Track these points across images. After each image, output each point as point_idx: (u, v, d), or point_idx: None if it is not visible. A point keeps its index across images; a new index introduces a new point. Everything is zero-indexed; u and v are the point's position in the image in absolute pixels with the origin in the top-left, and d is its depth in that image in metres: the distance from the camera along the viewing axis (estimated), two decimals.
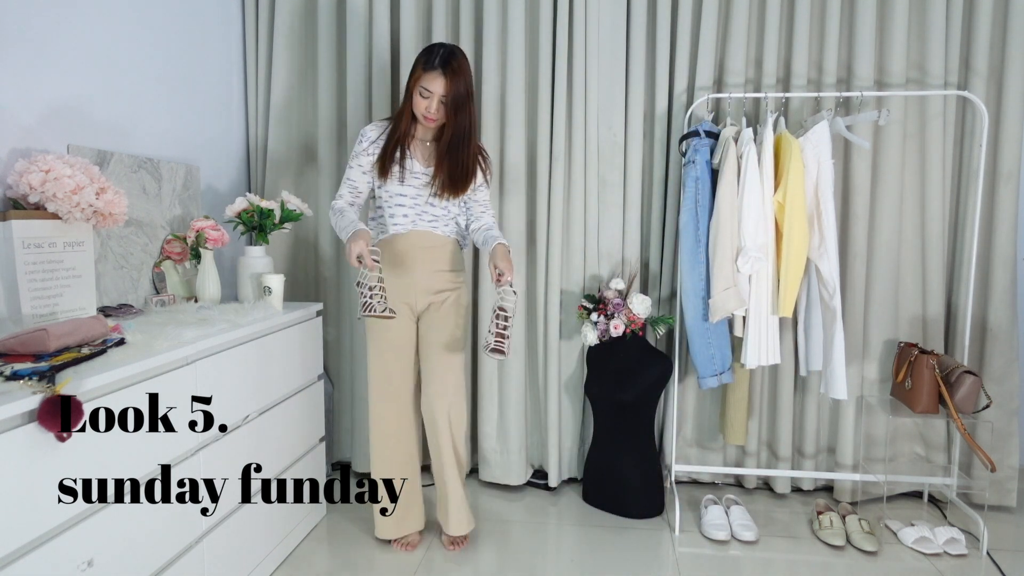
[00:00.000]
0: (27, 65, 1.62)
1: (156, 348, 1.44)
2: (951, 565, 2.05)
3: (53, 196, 1.47)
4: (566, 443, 2.59)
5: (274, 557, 1.98)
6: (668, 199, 2.48)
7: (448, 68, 1.85)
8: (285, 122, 2.57)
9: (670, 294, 2.51)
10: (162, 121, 2.13)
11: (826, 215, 2.13)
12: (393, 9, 2.51)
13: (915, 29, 2.33)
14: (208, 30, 2.37)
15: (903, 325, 2.42)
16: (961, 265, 2.41)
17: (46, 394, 1.12)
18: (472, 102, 1.93)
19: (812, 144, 2.12)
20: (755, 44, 2.41)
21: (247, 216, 2.14)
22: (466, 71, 1.89)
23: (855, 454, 2.43)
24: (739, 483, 2.63)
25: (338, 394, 2.70)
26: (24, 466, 1.11)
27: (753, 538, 2.18)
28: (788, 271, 2.11)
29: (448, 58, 1.86)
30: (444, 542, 2.14)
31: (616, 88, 2.44)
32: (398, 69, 2.54)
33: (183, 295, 2.11)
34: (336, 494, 2.50)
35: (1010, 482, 2.39)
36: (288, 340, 2.03)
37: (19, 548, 1.11)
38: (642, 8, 2.39)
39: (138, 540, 1.38)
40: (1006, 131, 2.30)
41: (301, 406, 2.13)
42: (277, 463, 1.98)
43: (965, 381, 2.07)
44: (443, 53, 1.86)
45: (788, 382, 2.44)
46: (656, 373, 2.32)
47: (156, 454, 1.43)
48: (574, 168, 2.45)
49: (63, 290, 1.54)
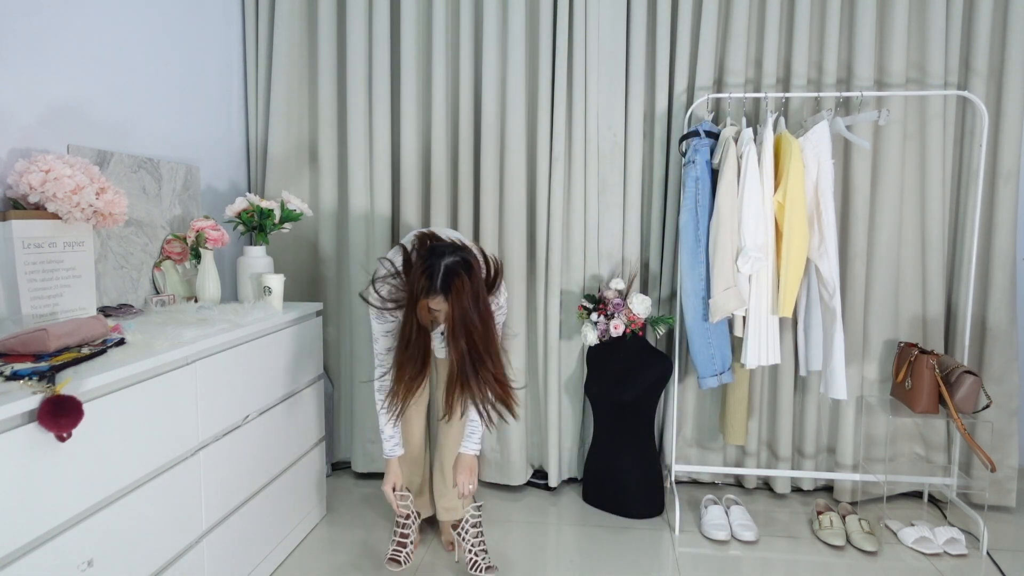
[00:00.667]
0: (27, 65, 1.62)
1: (156, 348, 1.44)
2: (951, 565, 2.05)
3: (53, 196, 1.47)
4: (566, 443, 2.59)
5: (274, 557, 1.98)
6: (668, 199, 2.48)
7: (449, 292, 1.66)
8: (285, 122, 2.57)
9: (670, 294, 2.51)
10: (162, 121, 2.13)
11: (826, 215, 2.13)
12: (393, 9, 2.51)
13: (915, 29, 2.33)
14: (208, 30, 2.37)
15: (903, 325, 2.42)
16: (961, 265, 2.41)
17: (46, 394, 1.12)
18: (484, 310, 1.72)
19: (812, 144, 2.13)
20: (755, 44, 2.41)
21: (247, 216, 2.14)
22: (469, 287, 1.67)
23: (855, 454, 2.43)
24: (739, 483, 2.63)
25: (338, 394, 2.70)
26: (24, 466, 1.11)
27: (753, 538, 2.18)
28: (788, 271, 2.11)
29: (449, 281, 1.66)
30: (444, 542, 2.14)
31: (616, 88, 2.44)
32: (398, 69, 2.54)
33: (183, 295, 2.11)
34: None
35: (1010, 482, 2.39)
36: (288, 340, 2.03)
37: (19, 548, 1.11)
38: (642, 8, 2.39)
39: (138, 540, 1.38)
40: (1006, 131, 2.30)
41: (301, 406, 2.13)
42: (277, 463, 1.98)
43: (965, 381, 2.07)
44: (443, 275, 1.67)
45: (788, 382, 2.44)
46: (656, 373, 2.32)
47: (156, 454, 1.43)
48: (574, 168, 2.45)
49: (63, 290, 1.54)
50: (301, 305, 2.21)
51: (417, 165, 2.53)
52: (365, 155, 2.54)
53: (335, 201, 2.61)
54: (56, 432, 1.13)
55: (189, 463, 1.55)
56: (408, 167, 2.52)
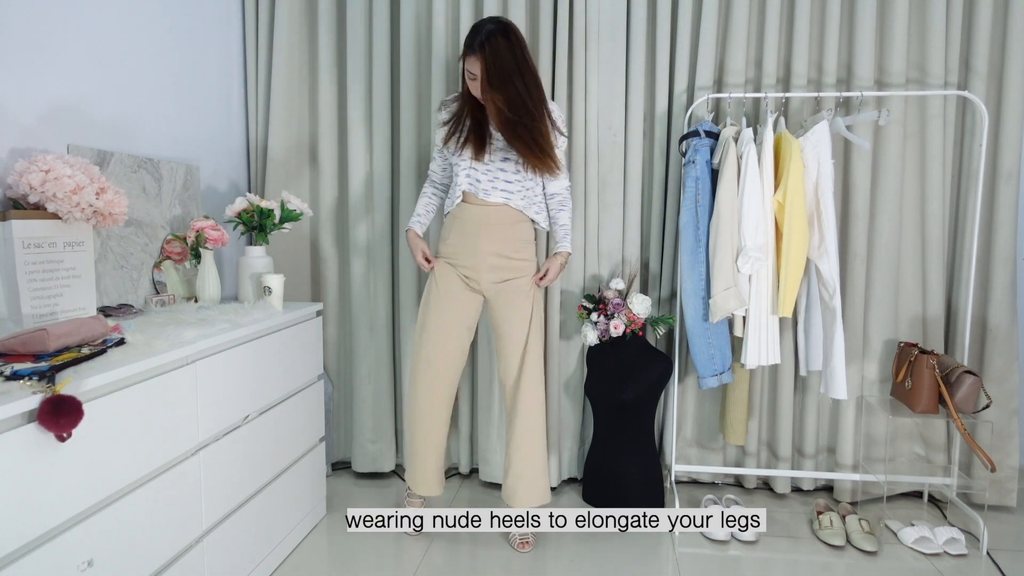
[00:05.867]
0: (27, 65, 1.62)
1: (156, 348, 1.44)
2: (951, 565, 2.05)
3: (53, 196, 1.47)
4: (566, 443, 2.59)
5: (274, 557, 1.98)
6: (668, 199, 2.48)
7: (485, 50, 1.85)
8: (285, 122, 2.57)
9: (670, 294, 2.51)
10: (162, 121, 2.13)
11: (826, 215, 2.13)
12: (393, 9, 2.51)
13: (915, 29, 2.33)
14: (208, 30, 2.37)
15: (903, 325, 2.42)
16: (961, 265, 2.41)
17: (46, 394, 1.12)
18: (525, 72, 1.90)
19: (812, 144, 2.12)
20: (755, 44, 2.40)
21: (247, 216, 2.14)
22: (505, 47, 1.86)
23: (855, 454, 2.43)
24: (739, 483, 2.63)
25: (338, 394, 2.70)
26: (24, 466, 1.11)
27: (753, 538, 2.18)
28: (788, 271, 2.11)
29: (485, 41, 1.86)
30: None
31: (616, 88, 2.44)
32: (398, 69, 2.54)
33: (183, 295, 2.11)
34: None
35: (1010, 482, 2.39)
36: (288, 340, 2.03)
37: (19, 548, 1.11)
38: (642, 8, 2.39)
39: (138, 540, 1.38)
40: (1006, 131, 2.30)
41: (301, 406, 2.13)
42: (277, 463, 1.98)
43: (965, 381, 2.07)
44: (482, 34, 1.87)
45: (788, 382, 2.44)
46: (656, 373, 2.32)
47: (156, 454, 1.43)
48: (574, 168, 2.45)
49: (63, 290, 1.54)
50: (301, 305, 2.21)
51: (417, 165, 2.52)
52: (365, 155, 2.54)
53: (335, 201, 2.61)
54: (56, 432, 1.13)
55: (189, 463, 1.55)
56: (408, 167, 2.52)
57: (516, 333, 2.07)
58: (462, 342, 2.12)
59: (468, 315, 2.11)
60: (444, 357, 2.10)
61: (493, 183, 2.03)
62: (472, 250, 2.05)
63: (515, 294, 2.08)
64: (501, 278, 2.07)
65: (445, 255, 2.11)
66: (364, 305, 2.57)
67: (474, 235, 2.04)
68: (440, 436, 2.17)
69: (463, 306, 2.09)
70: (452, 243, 2.08)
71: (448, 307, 2.08)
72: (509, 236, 2.06)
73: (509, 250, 2.06)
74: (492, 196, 2.03)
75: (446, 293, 2.08)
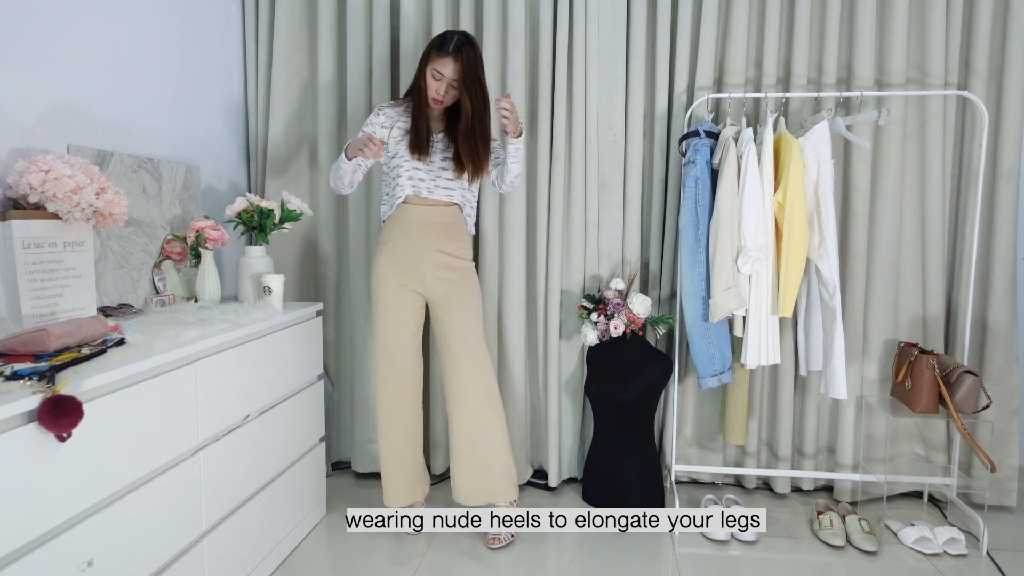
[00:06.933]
0: (27, 65, 1.62)
1: (156, 348, 1.44)
2: (951, 565, 2.05)
3: (53, 196, 1.47)
4: (566, 443, 2.59)
5: (274, 557, 1.98)
6: (668, 199, 2.48)
7: (460, 54, 1.94)
8: (285, 122, 2.57)
9: (670, 294, 2.51)
10: (162, 121, 2.13)
11: (826, 215, 2.13)
12: (393, 9, 2.51)
13: (915, 29, 2.33)
14: (208, 30, 2.37)
15: (903, 325, 2.42)
16: (961, 265, 2.41)
17: (46, 394, 1.12)
18: (483, 87, 2.01)
19: (812, 144, 2.12)
20: (755, 44, 2.41)
21: (247, 216, 2.14)
22: (477, 58, 1.98)
23: (855, 454, 2.43)
24: (739, 483, 2.63)
25: (338, 394, 2.70)
26: (24, 466, 1.11)
27: (753, 538, 2.18)
28: (788, 271, 2.11)
29: (460, 46, 1.95)
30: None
31: (616, 88, 2.44)
32: (398, 69, 2.54)
33: (183, 295, 2.11)
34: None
35: (1010, 482, 2.39)
36: (288, 340, 2.03)
37: (19, 548, 1.11)
38: (642, 8, 2.39)
39: (138, 540, 1.38)
40: (1006, 131, 2.30)
41: (301, 406, 2.13)
42: (277, 463, 1.98)
43: (965, 381, 2.07)
44: (456, 40, 1.95)
45: (788, 382, 2.44)
46: (656, 373, 2.32)
47: (156, 454, 1.43)
48: (574, 168, 2.45)
49: (63, 290, 1.54)
50: (301, 305, 2.21)
51: None
52: None
53: (335, 201, 2.61)
54: (56, 432, 1.13)
55: (189, 463, 1.55)
56: None
57: (466, 333, 2.10)
58: (415, 351, 2.15)
59: (414, 322, 2.13)
60: (398, 374, 2.12)
61: (435, 182, 2.08)
62: (416, 248, 2.07)
63: (460, 298, 2.11)
64: (444, 278, 2.10)
65: (387, 257, 2.10)
66: (364, 305, 2.57)
67: (418, 234, 2.07)
68: (413, 445, 2.20)
69: (408, 315, 2.11)
70: (394, 244, 2.09)
71: (394, 320, 2.10)
72: (451, 235, 2.10)
73: (451, 248, 2.10)
74: (435, 194, 2.08)
75: (390, 306, 2.10)
